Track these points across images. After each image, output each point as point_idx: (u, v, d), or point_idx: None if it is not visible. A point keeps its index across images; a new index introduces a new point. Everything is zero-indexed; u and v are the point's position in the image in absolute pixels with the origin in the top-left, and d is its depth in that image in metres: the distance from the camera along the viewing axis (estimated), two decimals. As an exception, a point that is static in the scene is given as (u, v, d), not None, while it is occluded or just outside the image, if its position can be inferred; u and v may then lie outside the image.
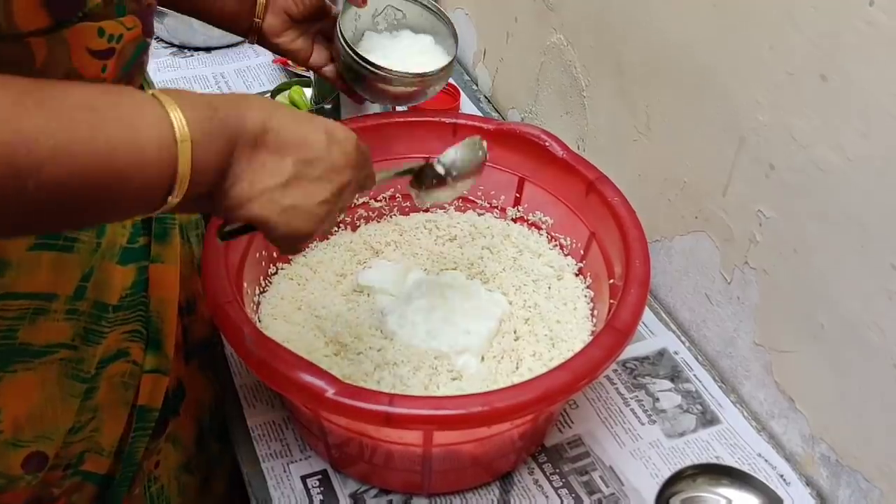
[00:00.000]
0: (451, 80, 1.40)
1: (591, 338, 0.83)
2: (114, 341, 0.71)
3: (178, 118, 0.44)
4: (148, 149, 0.43)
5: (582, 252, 0.91)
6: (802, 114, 0.75)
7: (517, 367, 0.85)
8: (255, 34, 0.89)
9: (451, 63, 0.92)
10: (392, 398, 0.66)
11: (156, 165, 0.44)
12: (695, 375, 0.96)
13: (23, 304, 0.63)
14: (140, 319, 0.73)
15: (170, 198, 0.45)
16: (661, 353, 0.99)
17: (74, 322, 0.67)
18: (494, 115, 1.36)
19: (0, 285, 0.61)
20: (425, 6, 0.96)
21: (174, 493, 0.87)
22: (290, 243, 0.53)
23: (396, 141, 0.98)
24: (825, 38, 0.71)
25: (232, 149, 0.47)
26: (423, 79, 0.89)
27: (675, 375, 0.96)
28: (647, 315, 1.04)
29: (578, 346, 0.82)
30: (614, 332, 0.72)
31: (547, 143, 0.92)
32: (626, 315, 0.74)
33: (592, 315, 0.89)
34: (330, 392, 0.66)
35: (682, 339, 1.01)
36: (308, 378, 0.66)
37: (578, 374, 0.69)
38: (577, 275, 0.94)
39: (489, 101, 1.40)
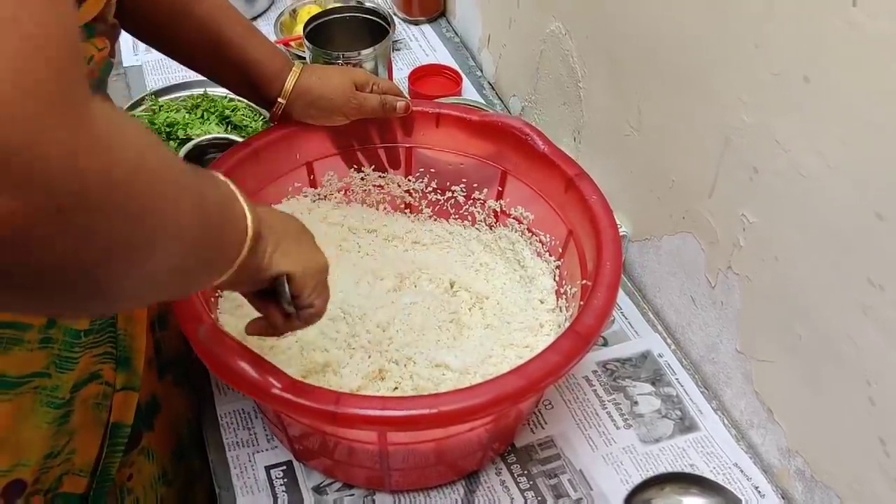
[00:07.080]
0: (454, 65, 1.38)
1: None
2: (86, 365, 0.72)
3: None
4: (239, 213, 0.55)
5: (560, 250, 0.89)
6: (786, 116, 0.72)
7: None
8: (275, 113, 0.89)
9: None
10: (339, 397, 0.65)
11: (238, 228, 0.55)
12: (677, 379, 0.94)
13: None
14: (110, 340, 0.74)
15: (240, 256, 0.55)
16: (645, 356, 0.97)
17: (48, 351, 0.67)
18: (497, 102, 1.33)
19: None
20: None
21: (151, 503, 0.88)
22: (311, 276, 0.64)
23: (376, 129, 0.96)
24: (808, 38, 0.67)
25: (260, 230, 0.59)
26: None
27: (657, 379, 0.94)
28: (634, 315, 1.01)
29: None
30: (575, 337, 0.70)
31: (528, 137, 0.89)
32: (590, 320, 0.72)
33: (566, 317, 0.87)
34: (276, 388, 0.65)
35: (668, 341, 0.98)
36: (255, 374, 0.66)
37: (533, 379, 0.67)
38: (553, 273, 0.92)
39: (493, 87, 1.37)
